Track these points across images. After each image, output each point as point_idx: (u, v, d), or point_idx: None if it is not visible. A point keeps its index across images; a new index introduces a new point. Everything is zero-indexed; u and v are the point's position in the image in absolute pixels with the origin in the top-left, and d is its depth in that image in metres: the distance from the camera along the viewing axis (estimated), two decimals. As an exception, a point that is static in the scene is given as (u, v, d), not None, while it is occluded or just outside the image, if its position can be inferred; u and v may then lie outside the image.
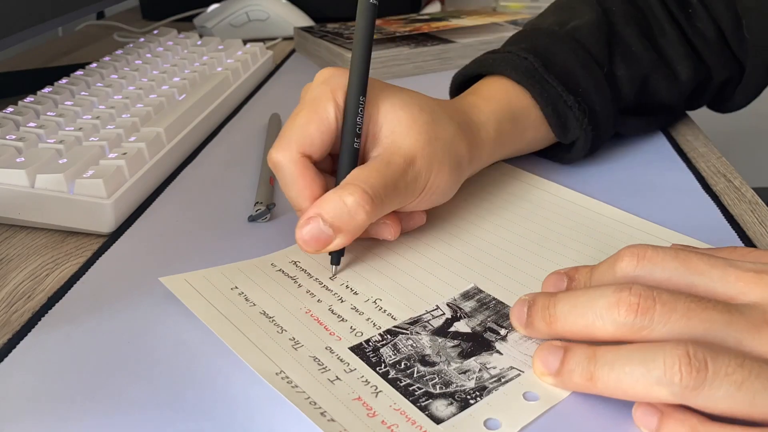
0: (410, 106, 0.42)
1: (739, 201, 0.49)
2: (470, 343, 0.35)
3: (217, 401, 0.32)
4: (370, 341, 0.35)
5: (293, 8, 0.95)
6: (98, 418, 0.31)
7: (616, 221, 0.45)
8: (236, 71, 0.70)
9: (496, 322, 0.36)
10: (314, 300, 0.38)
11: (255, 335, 0.35)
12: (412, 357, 0.34)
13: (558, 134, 0.51)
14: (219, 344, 0.35)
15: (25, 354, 0.35)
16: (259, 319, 0.36)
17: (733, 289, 0.31)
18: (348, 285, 0.40)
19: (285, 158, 0.40)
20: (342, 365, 0.33)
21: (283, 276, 0.40)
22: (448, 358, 0.34)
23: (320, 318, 0.37)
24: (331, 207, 0.38)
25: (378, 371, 0.33)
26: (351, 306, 0.38)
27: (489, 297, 0.38)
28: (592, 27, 0.53)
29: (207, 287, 0.39)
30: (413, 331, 0.36)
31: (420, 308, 0.37)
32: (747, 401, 0.27)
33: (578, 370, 0.30)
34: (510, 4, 1.02)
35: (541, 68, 0.50)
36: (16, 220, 0.47)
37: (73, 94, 0.60)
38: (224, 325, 0.35)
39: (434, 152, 0.42)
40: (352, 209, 0.38)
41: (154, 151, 0.52)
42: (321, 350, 0.34)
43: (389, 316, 0.37)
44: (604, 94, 0.52)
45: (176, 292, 0.38)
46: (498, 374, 0.33)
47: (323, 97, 0.41)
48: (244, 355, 0.33)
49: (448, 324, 0.36)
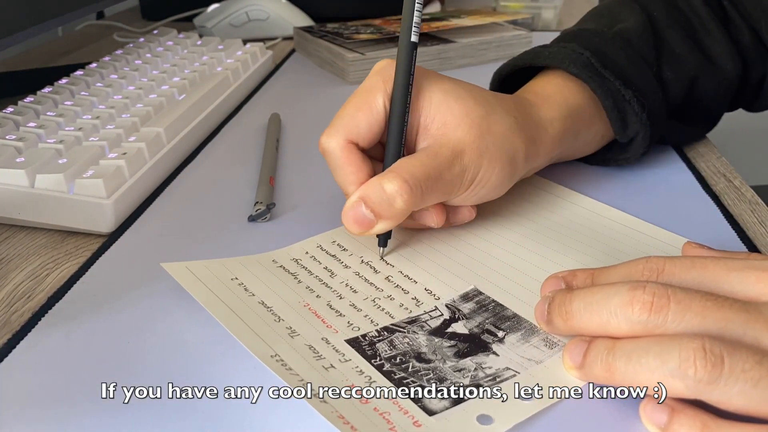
0: (464, 98, 0.42)
1: (739, 201, 0.49)
2: (467, 344, 0.35)
3: (217, 401, 0.32)
4: (367, 336, 0.35)
5: (293, 8, 0.95)
6: (98, 418, 0.31)
7: (619, 224, 0.45)
8: (236, 71, 0.70)
9: (494, 324, 0.36)
10: (313, 295, 0.39)
11: (252, 321, 0.35)
12: (408, 353, 0.34)
13: (617, 130, 0.50)
14: (219, 344, 0.35)
15: (25, 354, 0.35)
16: (257, 308, 0.37)
17: (753, 291, 0.31)
18: (348, 283, 0.40)
19: (332, 144, 0.41)
20: (337, 355, 0.34)
21: (284, 272, 0.41)
22: (444, 356, 0.34)
23: (318, 311, 0.37)
24: (372, 192, 0.39)
25: (373, 363, 0.33)
26: (350, 303, 0.38)
27: (488, 299, 0.38)
28: (638, 30, 0.52)
29: (207, 275, 0.39)
30: (410, 330, 0.36)
31: (418, 309, 0.37)
32: (763, 399, 0.27)
33: (598, 361, 0.31)
34: (510, 4, 1.02)
35: (597, 63, 0.49)
36: (16, 220, 0.47)
37: (73, 94, 0.60)
38: (223, 310, 0.36)
39: (486, 146, 0.41)
40: (391, 196, 0.39)
41: (154, 151, 0.52)
42: (317, 340, 0.35)
43: (387, 315, 0.37)
44: (656, 94, 0.51)
45: (177, 278, 0.38)
46: (493, 374, 0.33)
47: (374, 87, 0.42)
48: (241, 337, 0.34)
49: (446, 325, 0.36)
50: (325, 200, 0.49)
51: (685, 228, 0.44)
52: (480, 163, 0.41)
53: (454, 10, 0.96)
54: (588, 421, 0.31)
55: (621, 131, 0.50)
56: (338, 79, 0.77)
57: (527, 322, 0.36)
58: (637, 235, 0.44)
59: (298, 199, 0.50)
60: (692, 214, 0.47)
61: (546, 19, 0.99)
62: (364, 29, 0.84)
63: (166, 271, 0.39)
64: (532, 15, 0.97)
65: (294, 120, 0.65)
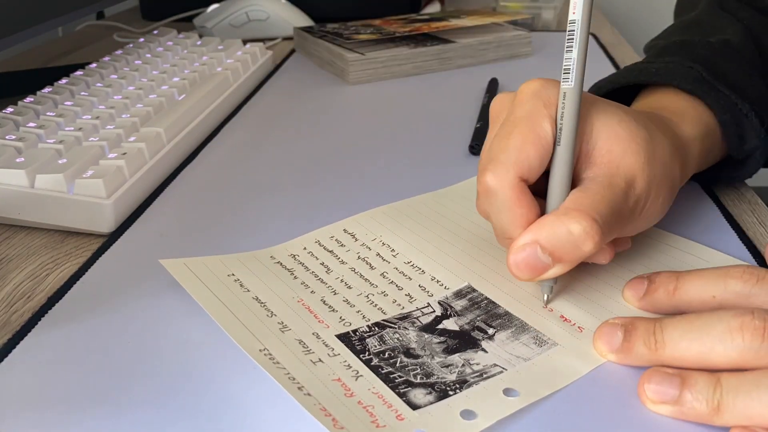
0: (627, 121, 0.38)
1: (739, 201, 0.49)
2: (456, 341, 0.35)
3: (217, 401, 0.32)
4: (357, 331, 0.36)
5: (293, 8, 0.95)
6: (98, 418, 0.31)
7: None
8: (236, 71, 0.70)
9: (486, 321, 0.36)
10: (308, 291, 0.39)
11: (244, 316, 0.36)
12: (397, 349, 0.34)
13: (734, 146, 0.46)
14: (220, 344, 0.35)
15: (25, 354, 0.35)
16: (251, 303, 0.37)
17: None
18: (343, 279, 0.40)
19: (502, 183, 0.36)
20: (326, 349, 0.34)
21: (281, 268, 0.41)
22: (433, 352, 0.34)
23: (311, 307, 0.38)
24: (552, 234, 0.34)
25: (361, 358, 0.34)
26: (343, 298, 0.38)
27: (481, 296, 0.38)
28: (740, 39, 0.49)
29: (204, 272, 0.40)
30: (401, 326, 0.36)
31: (411, 305, 0.38)
32: None
33: (701, 398, 0.29)
34: (510, 4, 1.02)
35: (709, 77, 0.46)
36: (16, 220, 0.47)
37: (73, 94, 0.60)
38: (215, 305, 0.37)
39: (654, 174, 0.37)
40: (580, 239, 0.34)
41: (154, 151, 0.52)
42: (308, 335, 0.35)
43: (379, 310, 0.37)
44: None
45: (174, 274, 0.39)
46: (480, 370, 0.33)
47: (538, 114, 0.36)
48: (231, 331, 0.34)
49: (437, 321, 0.36)
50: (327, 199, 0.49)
51: (685, 228, 0.44)
52: (649, 192, 0.37)
53: (454, 11, 0.96)
54: (574, 416, 0.30)
55: (738, 147, 0.46)
56: (338, 79, 0.77)
57: (518, 319, 0.36)
58: (641, 238, 0.43)
59: (298, 199, 0.50)
60: (692, 214, 0.47)
61: (546, 19, 0.99)
62: (364, 29, 0.84)
63: (165, 268, 0.39)
64: (532, 15, 0.97)
65: (294, 120, 0.65)
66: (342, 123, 0.61)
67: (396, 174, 0.54)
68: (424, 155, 0.57)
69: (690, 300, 0.35)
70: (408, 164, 0.55)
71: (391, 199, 0.48)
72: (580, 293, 0.38)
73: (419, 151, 0.58)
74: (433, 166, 0.55)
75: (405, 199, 0.48)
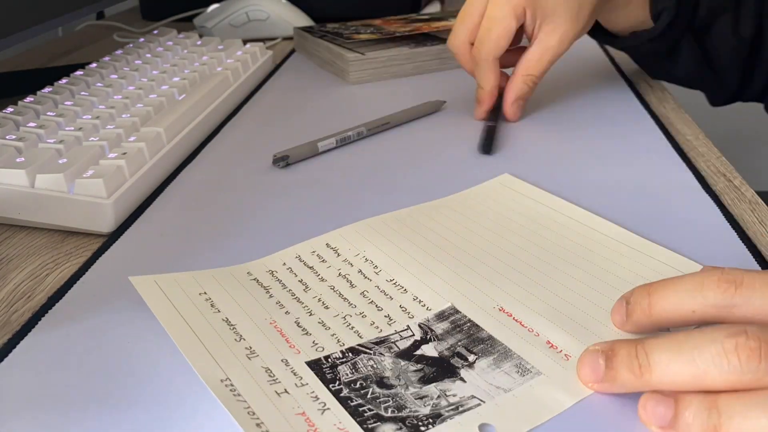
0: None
1: (739, 201, 0.49)
2: (434, 368, 0.33)
3: (218, 401, 0.32)
4: (330, 357, 0.34)
5: (293, 8, 0.95)
6: (98, 418, 0.31)
7: (615, 241, 0.43)
8: (236, 71, 0.70)
9: (467, 347, 0.34)
10: (282, 311, 0.37)
11: (210, 341, 0.34)
12: (370, 378, 0.32)
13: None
14: (219, 344, 0.35)
15: (25, 354, 0.35)
16: (220, 326, 0.36)
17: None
18: (321, 298, 0.38)
19: None
20: (294, 378, 0.32)
21: (257, 285, 0.39)
22: (408, 382, 0.32)
23: (284, 330, 0.36)
24: None
25: (330, 388, 0.32)
26: (318, 320, 0.36)
27: (464, 319, 0.36)
28: None
29: (175, 290, 0.38)
30: (377, 351, 0.34)
31: (390, 327, 0.36)
32: None
33: (697, 423, 0.28)
34: (510, 4, 1.01)
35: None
36: (16, 220, 0.47)
37: (73, 94, 0.60)
38: (181, 328, 0.35)
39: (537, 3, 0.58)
40: None
41: (154, 151, 0.52)
42: (276, 362, 0.33)
43: (356, 334, 0.35)
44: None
45: (142, 292, 0.37)
46: (457, 402, 0.31)
47: None
48: (192, 359, 0.33)
49: (416, 346, 0.34)
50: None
51: (685, 228, 0.44)
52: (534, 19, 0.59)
53: (454, 11, 0.96)
54: (588, 421, 0.30)
55: None
56: (338, 79, 0.77)
57: (502, 345, 0.34)
58: (635, 256, 0.41)
59: (298, 199, 0.50)
60: (692, 214, 0.47)
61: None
62: (364, 29, 0.84)
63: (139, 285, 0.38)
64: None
65: (294, 120, 0.65)
66: (342, 123, 0.61)
67: (400, 176, 0.54)
68: (429, 156, 0.57)
69: (669, 317, 0.32)
70: (411, 165, 0.55)
71: (394, 202, 0.48)
72: (569, 316, 0.36)
73: (421, 151, 0.58)
74: (441, 167, 0.55)
75: (406, 204, 0.48)
